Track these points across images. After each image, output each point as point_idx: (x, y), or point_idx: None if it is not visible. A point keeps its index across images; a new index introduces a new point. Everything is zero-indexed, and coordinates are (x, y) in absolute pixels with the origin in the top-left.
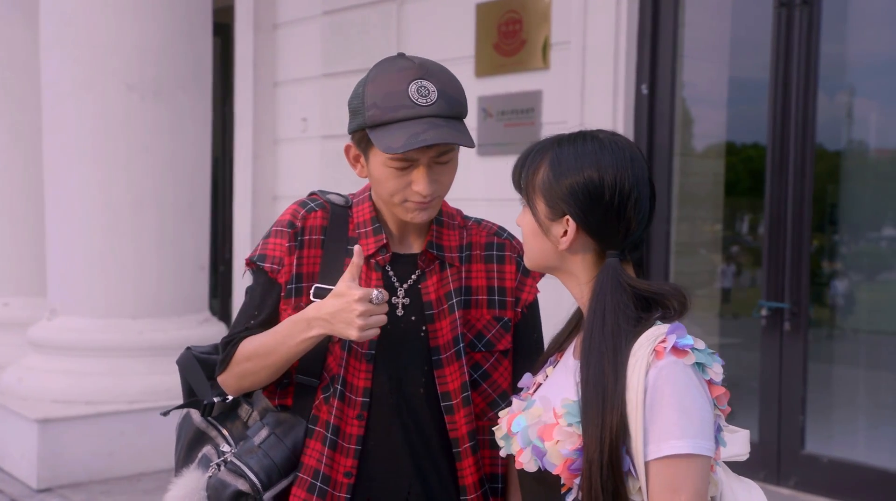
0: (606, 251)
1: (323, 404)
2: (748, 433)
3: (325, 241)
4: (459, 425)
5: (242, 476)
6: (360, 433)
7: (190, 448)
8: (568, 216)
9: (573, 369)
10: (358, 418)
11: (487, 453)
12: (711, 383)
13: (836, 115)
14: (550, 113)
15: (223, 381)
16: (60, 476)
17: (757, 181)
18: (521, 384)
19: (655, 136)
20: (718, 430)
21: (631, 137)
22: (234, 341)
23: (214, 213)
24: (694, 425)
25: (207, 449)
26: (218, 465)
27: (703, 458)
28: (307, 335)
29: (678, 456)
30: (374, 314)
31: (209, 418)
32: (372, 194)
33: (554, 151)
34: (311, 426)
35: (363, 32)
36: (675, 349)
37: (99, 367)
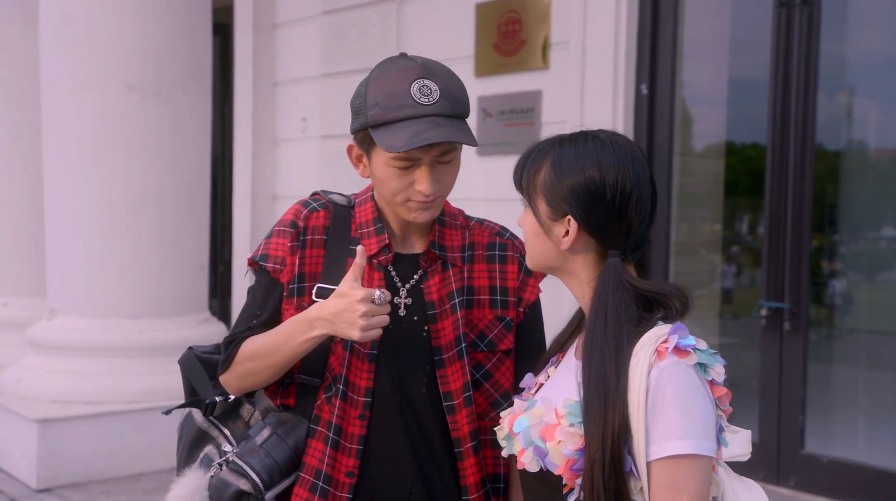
0: (608, 251)
1: (325, 404)
2: (750, 434)
3: (327, 241)
4: (461, 425)
5: (244, 475)
6: (362, 433)
7: (192, 447)
8: (569, 216)
9: (575, 369)
10: (360, 418)
11: (489, 453)
12: (713, 383)
13: (835, 115)
14: (550, 113)
15: (225, 381)
16: (60, 476)
17: (757, 181)
18: (522, 385)
19: (655, 136)
20: (720, 430)
21: (631, 137)
22: (236, 340)
23: (214, 213)
24: (696, 425)
25: (209, 449)
26: (220, 465)
27: (704, 458)
28: (309, 336)
29: (680, 457)
30: (376, 315)
31: (211, 417)
32: (374, 193)
33: (555, 151)
34: (312, 426)
35: (363, 32)
36: (677, 350)
37: (98, 367)
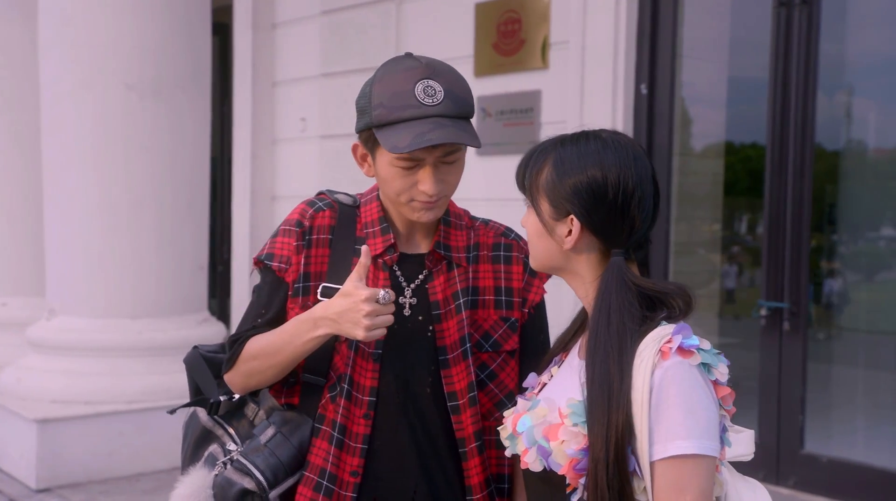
0: (611, 250)
1: (329, 403)
2: (753, 434)
3: (332, 240)
4: (466, 425)
5: (248, 474)
6: (366, 433)
7: (196, 446)
8: (572, 216)
9: (578, 369)
10: (364, 417)
11: (494, 453)
12: (717, 383)
13: (835, 114)
14: (549, 113)
15: (229, 379)
16: (59, 476)
17: (756, 181)
18: (526, 384)
19: (654, 135)
20: (723, 430)
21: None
22: (240, 339)
23: (213, 213)
24: (699, 425)
25: (214, 448)
26: (224, 463)
27: (708, 458)
28: (313, 335)
29: (684, 457)
30: (380, 314)
31: (215, 416)
32: (380, 193)
33: (557, 151)
34: (317, 425)
35: (362, 32)
36: (680, 350)
37: (98, 367)
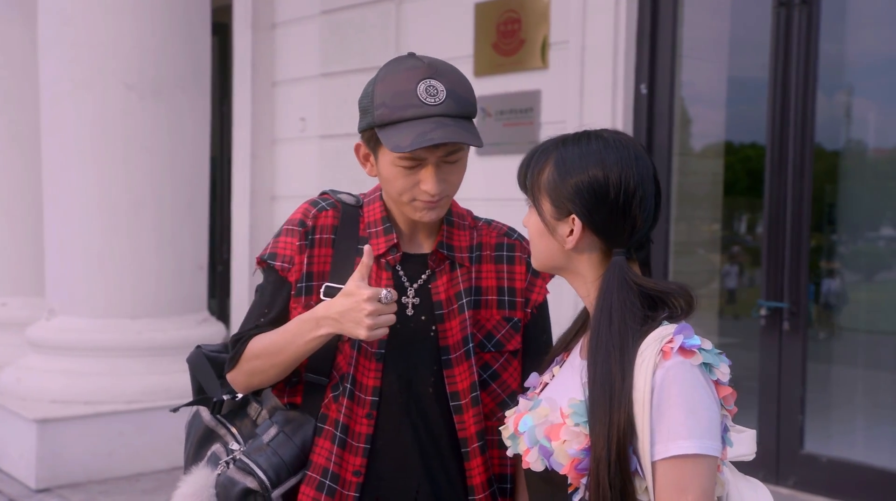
0: (612, 250)
1: (332, 402)
2: (754, 434)
3: (335, 240)
4: (468, 425)
5: (251, 473)
6: (369, 432)
7: (199, 445)
8: (574, 215)
9: (580, 368)
10: (367, 417)
11: (496, 453)
12: (718, 383)
13: (834, 114)
14: (549, 113)
15: (232, 379)
16: (59, 476)
17: (756, 181)
18: (527, 384)
19: (654, 135)
20: (725, 430)
21: None
22: (243, 338)
23: (213, 213)
24: (701, 425)
25: (216, 447)
26: (227, 463)
27: (710, 458)
28: (316, 334)
29: (685, 456)
30: (382, 314)
31: (218, 416)
32: (382, 193)
33: (559, 151)
34: (320, 425)
35: (361, 32)
36: (682, 350)
37: (97, 367)
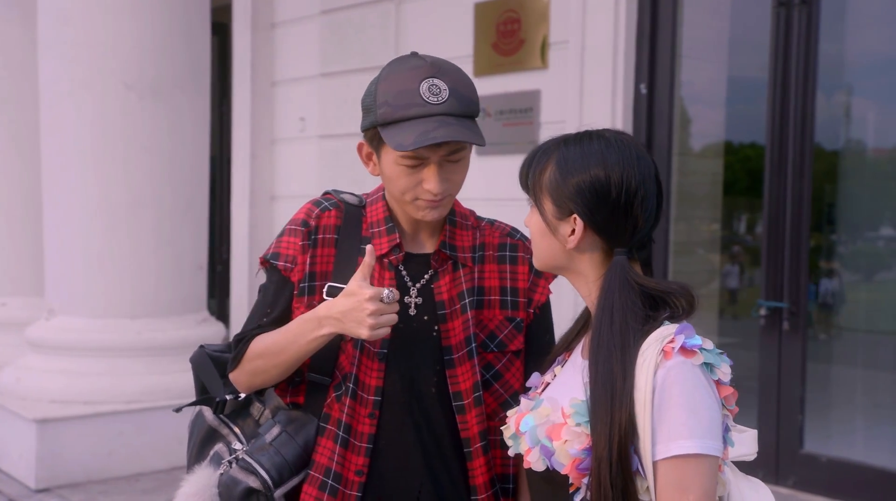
0: (614, 250)
1: (335, 402)
2: (756, 433)
3: (338, 240)
4: (471, 425)
5: (254, 473)
6: (371, 432)
7: (202, 445)
8: (575, 215)
9: (581, 368)
10: (370, 416)
11: (499, 453)
12: (720, 383)
13: (834, 114)
14: (549, 113)
15: (235, 378)
16: (59, 476)
17: (755, 181)
18: (529, 384)
19: (654, 135)
20: (726, 430)
21: None
22: (245, 338)
23: (212, 213)
24: (702, 425)
25: (219, 447)
26: (230, 462)
27: (711, 458)
28: (317, 334)
29: (686, 456)
30: (384, 313)
31: (221, 415)
32: (385, 193)
33: (560, 151)
34: (322, 425)
35: (361, 32)
36: (683, 350)
37: (97, 367)
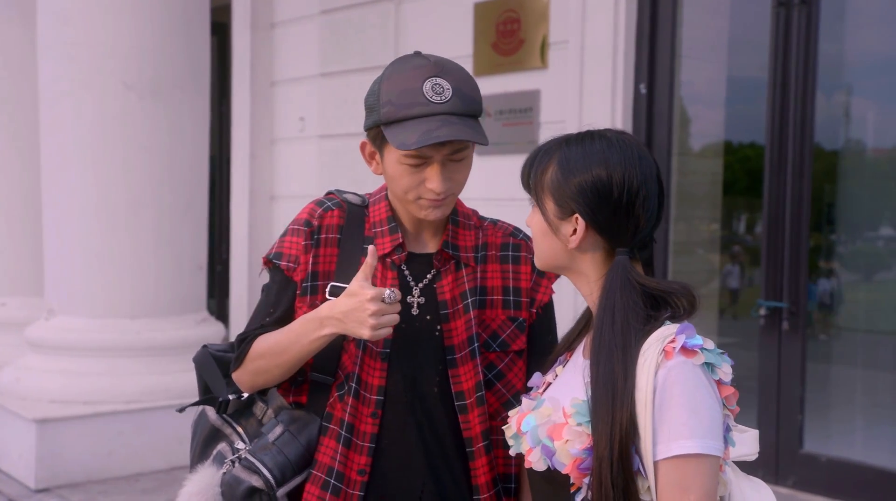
0: (616, 249)
1: (337, 402)
2: (757, 433)
3: (341, 240)
4: (473, 424)
5: (256, 472)
6: (374, 431)
7: (205, 444)
8: (577, 215)
9: (583, 368)
10: (372, 416)
11: (501, 453)
12: (720, 383)
13: (834, 114)
14: (549, 112)
15: (237, 378)
16: (58, 476)
17: (755, 181)
18: (530, 383)
19: (654, 135)
20: (727, 430)
21: None
22: (248, 338)
23: (212, 212)
24: (703, 425)
25: (222, 446)
26: (232, 462)
27: (712, 458)
28: (319, 334)
29: (687, 456)
30: (386, 314)
31: (224, 415)
32: (388, 193)
33: (562, 151)
34: (325, 424)
35: (361, 32)
36: (684, 349)
37: (97, 367)
